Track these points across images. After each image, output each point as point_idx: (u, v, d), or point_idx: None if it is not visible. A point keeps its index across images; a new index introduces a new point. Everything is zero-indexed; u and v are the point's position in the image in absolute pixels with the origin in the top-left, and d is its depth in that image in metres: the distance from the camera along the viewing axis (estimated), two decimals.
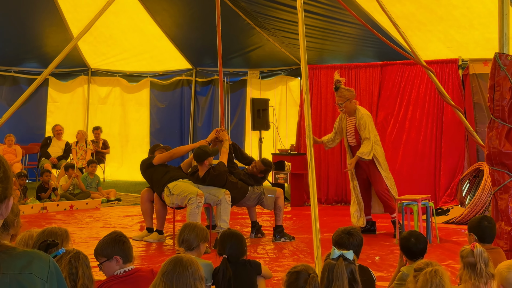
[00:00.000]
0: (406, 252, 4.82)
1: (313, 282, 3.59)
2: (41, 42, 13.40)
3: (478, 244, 4.34)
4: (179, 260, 3.27)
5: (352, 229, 4.67)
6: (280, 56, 12.78)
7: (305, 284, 3.59)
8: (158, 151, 8.38)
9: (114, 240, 4.00)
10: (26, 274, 1.83)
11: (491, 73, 5.58)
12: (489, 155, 5.55)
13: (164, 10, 12.64)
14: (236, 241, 4.67)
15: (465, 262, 4.27)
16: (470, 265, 4.25)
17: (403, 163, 10.50)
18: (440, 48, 10.48)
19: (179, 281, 3.20)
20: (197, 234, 4.72)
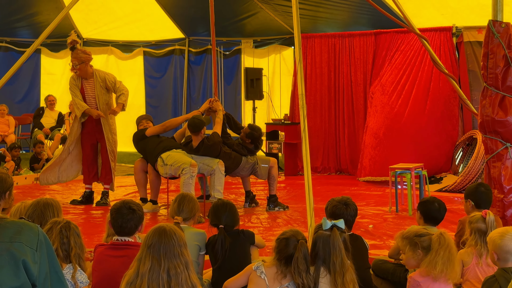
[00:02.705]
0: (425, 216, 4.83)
1: (302, 248, 3.61)
2: (33, 10, 13.26)
3: (491, 212, 4.37)
4: (163, 230, 3.25)
5: (348, 199, 4.68)
6: (273, 25, 12.68)
7: (294, 250, 3.61)
8: (142, 122, 8.36)
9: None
10: (16, 243, 1.86)
11: (484, 40, 5.54)
12: (482, 123, 5.54)
13: None
14: (231, 211, 4.68)
15: (474, 228, 4.32)
16: (478, 231, 4.29)
17: (397, 132, 10.48)
18: (435, 15, 10.42)
19: (166, 251, 3.18)
20: (193, 206, 4.73)
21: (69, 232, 3.79)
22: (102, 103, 8.19)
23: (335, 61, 11.52)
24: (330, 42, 11.58)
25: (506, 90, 5.46)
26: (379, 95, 10.76)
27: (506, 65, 5.42)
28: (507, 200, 5.40)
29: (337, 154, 11.51)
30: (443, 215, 4.94)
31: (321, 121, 11.56)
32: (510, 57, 5.39)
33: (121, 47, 14.40)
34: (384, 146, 10.27)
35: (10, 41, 13.73)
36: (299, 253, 3.59)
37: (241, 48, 13.44)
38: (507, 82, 5.46)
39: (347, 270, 3.67)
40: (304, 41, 11.46)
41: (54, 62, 14.34)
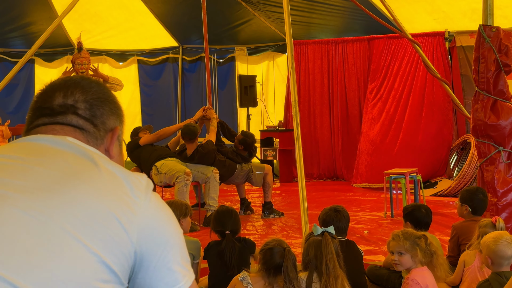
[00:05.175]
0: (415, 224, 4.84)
1: (290, 256, 3.61)
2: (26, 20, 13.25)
3: (501, 219, 4.38)
4: None
5: (339, 207, 4.69)
6: (267, 32, 12.69)
7: (281, 259, 3.60)
8: (141, 132, 8.35)
9: None
10: None
11: (475, 45, 5.56)
12: (475, 127, 5.55)
13: None
14: (236, 218, 4.67)
15: (482, 232, 4.32)
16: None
17: (391, 137, 10.50)
18: (427, 20, 10.44)
19: None
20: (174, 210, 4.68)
21: None
22: None
23: (329, 68, 11.54)
24: (324, 48, 11.60)
25: (498, 94, 5.48)
26: (375, 101, 10.78)
27: (497, 69, 5.44)
28: (501, 203, 5.40)
29: (332, 160, 11.51)
30: (431, 218, 4.97)
31: (315, 127, 11.57)
32: (501, 61, 5.41)
33: (115, 56, 14.38)
34: (381, 153, 10.30)
35: (3, 52, 13.69)
36: (288, 261, 3.59)
37: (235, 55, 13.45)
38: (498, 86, 5.47)
39: (339, 274, 3.67)
40: (297, 47, 11.48)
41: (48, 72, 14.30)
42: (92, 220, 1.26)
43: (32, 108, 1.54)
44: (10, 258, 1.17)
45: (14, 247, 1.18)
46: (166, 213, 1.42)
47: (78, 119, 1.49)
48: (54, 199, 1.26)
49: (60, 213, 1.25)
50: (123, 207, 1.32)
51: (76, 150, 1.41)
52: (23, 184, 1.28)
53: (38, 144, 1.42)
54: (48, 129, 1.47)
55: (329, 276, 3.65)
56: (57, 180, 1.30)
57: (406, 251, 3.98)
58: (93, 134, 1.50)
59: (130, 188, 1.36)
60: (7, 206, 1.23)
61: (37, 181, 1.29)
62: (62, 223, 1.23)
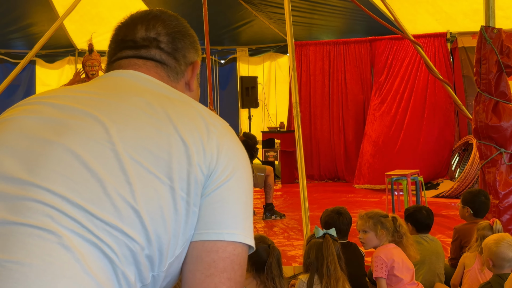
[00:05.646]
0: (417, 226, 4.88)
1: (275, 252, 3.58)
2: (27, 21, 13.25)
3: (498, 220, 4.38)
4: None
5: (341, 209, 4.69)
6: (268, 33, 12.68)
7: (268, 256, 3.56)
8: None
9: None
10: None
11: (477, 46, 5.56)
12: (476, 128, 5.54)
13: None
14: None
15: (480, 235, 4.33)
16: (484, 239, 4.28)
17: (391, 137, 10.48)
18: (429, 21, 10.42)
19: None
20: None
21: None
22: None
23: (330, 69, 11.52)
24: (325, 50, 11.58)
25: (500, 95, 5.47)
26: (378, 103, 10.77)
27: (499, 71, 5.43)
28: (502, 205, 5.39)
29: (333, 161, 11.49)
30: (433, 220, 4.96)
31: (316, 128, 11.55)
32: (502, 63, 5.40)
33: None
34: (383, 154, 10.28)
35: (4, 53, 13.68)
36: (272, 258, 3.55)
37: (236, 56, 13.43)
38: (500, 87, 5.46)
39: (340, 277, 3.66)
40: (298, 48, 11.47)
41: (49, 73, 14.31)
42: (164, 152, 1.30)
43: (115, 41, 1.59)
44: (85, 186, 1.21)
45: (89, 176, 1.23)
46: (239, 151, 1.43)
47: (161, 53, 1.53)
48: (128, 132, 1.30)
49: (133, 145, 1.29)
50: (197, 139, 1.34)
51: (155, 86, 1.46)
52: (99, 116, 1.32)
53: (118, 78, 1.48)
54: (131, 63, 1.52)
55: (330, 278, 3.63)
56: (132, 114, 1.35)
57: (369, 229, 4.19)
58: (174, 68, 1.55)
59: (204, 123, 1.39)
60: (83, 136, 1.28)
61: (112, 114, 1.33)
62: (134, 155, 1.27)
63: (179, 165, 1.30)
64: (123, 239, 1.20)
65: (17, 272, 1.09)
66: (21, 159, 1.24)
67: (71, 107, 1.35)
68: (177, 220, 1.28)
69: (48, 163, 1.23)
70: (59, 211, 1.17)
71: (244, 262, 1.36)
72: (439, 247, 4.88)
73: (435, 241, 4.89)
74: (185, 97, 1.47)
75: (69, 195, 1.19)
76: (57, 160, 1.24)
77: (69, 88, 1.48)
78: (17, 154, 1.26)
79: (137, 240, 1.21)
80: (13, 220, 1.15)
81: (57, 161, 1.24)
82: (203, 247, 1.31)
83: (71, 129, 1.29)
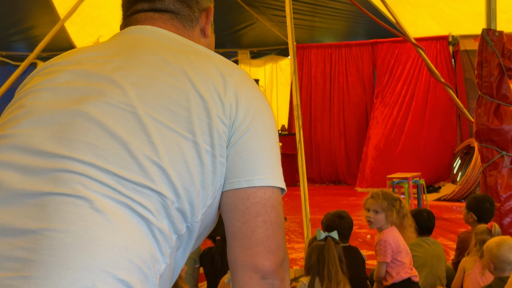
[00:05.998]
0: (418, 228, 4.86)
1: None
2: (29, 24, 13.26)
3: (496, 224, 4.36)
4: None
5: (343, 213, 4.67)
6: (270, 36, 12.68)
7: None
8: None
9: None
10: None
11: (478, 49, 5.55)
12: (478, 131, 5.53)
13: None
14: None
15: (479, 239, 4.30)
16: (483, 243, 4.26)
17: (393, 140, 10.48)
18: (431, 24, 10.42)
19: None
20: None
21: None
22: None
23: (331, 71, 11.52)
24: (327, 52, 11.58)
25: (501, 98, 5.46)
26: (379, 106, 10.76)
27: (500, 74, 5.42)
28: (504, 208, 5.38)
29: (334, 164, 11.48)
30: (434, 223, 4.94)
31: (316, 131, 11.54)
32: (504, 66, 5.39)
33: None
34: (385, 157, 10.28)
35: (6, 55, 13.69)
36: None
37: (238, 59, 13.44)
38: (501, 90, 5.45)
39: (341, 280, 3.65)
40: (300, 51, 11.47)
41: None
42: (186, 109, 1.35)
43: None
44: (110, 151, 1.28)
45: (115, 140, 1.29)
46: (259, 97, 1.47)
47: (174, 2, 1.58)
48: (146, 93, 1.35)
49: (152, 105, 1.33)
50: (214, 92, 1.39)
51: (171, 41, 1.50)
52: (118, 80, 1.37)
53: (135, 36, 1.53)
54: (147, 17, 1.57)
55: (331, 281, 3.62)
56: (149, 74, 1.39)
57: (382, 210, 4.13)
58: (188, 16, 1.59)
59: (221, 75, 1.43)
60: (104, 102, 1.33)
61: (130, 76, 1.38)
62: (154, 115, 1.33)
63: (200, 120, 1.35)
64: (152, 196, 1.26)
65: (55, 239, 1.16)
66: (48, 132, 1.30)
67: (90, 72, 1.40)
68: (203, 173, 1.33)
69: (73, 134, 1.29)
70: (89, 177, 1.24)
71: (277, 204, 1.41)
72: (441, 250, 4.86)
73: (436, 244, 4.87)
74: (201, 49, 1.52)
75: (97, 162, 1.26)
76: (82, 130, 1.29)
77: (88, 49, 1.52)
78: (43, 127, 1.31)
79: (167, 196, 1.28)
80: (48, 191, 1.22)
81: (81, 131, 1.29)
82: (235, 195, 1.38)
83: (92, 96, 1.34)
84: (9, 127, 1.34)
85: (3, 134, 1.33)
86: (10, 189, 1.23)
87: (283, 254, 1.43)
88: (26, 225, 1.18)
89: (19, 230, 1.18)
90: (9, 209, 1.21)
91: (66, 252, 1.15)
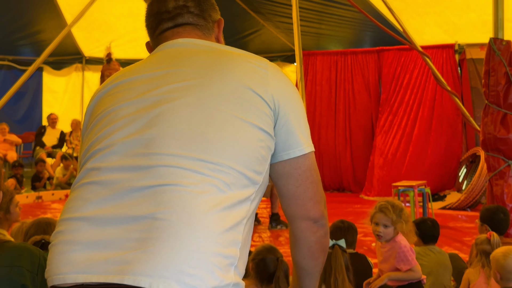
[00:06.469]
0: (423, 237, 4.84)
1: (283, 266, 3.56)
2: (35, 28, 13.29)
3: (495, 233, 4.32)
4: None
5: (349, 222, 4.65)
6: (276, 42, 12.69)
7: (275, 268, 3.55)
8: None
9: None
10: (16, 267, 1.91)
11: (485, 58, 5.54)
12: (484, 140, 5.52)
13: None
14: None
15: (479, 250, 4.27)
16: (484, 253, 4.23)
17: (398, 149, 10.47)
18: (437, 32, 10.41)
19: None
20: None
21: None
22: None
23: (337, 79, 11.50)
24: (332, 60, 11.57)
25: (508, 107, 5.45)
26: (386, 114, 10.75)
27: (507, 83, 5.42)
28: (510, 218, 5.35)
29: (339, 172, 11.45)
30: (439, 232, 4.90)
31: (321, 138, 11.51)
32: (511, 75, 5.38)
33: (124, 65, 14.30)
34: (392, 166, 10.27)
35: (12, 59, 13.72)
36: (280, 271, 3.53)
37: None
38: (508, 99, 5.45)
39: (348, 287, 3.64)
40: (305, 58, 11.46)
41: (56, 80, 14.33)
42: (239, 98, 1.66)
43: (152, 14, 1.98)
44: (193, 142, 1.59)
45: (192, 132, 1.60)
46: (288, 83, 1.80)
47: (192, 16, 1.93)
48: (207, 90, 1.67)
49: (215, 99, 1.65)
50: (257, 81, 1.71)
51: (204, 46, 1.86)
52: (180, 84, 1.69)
53: (174, 49, 1.86)
54: (174, 33, 1.92)
55: None
56: (202, 74, 1.71)
57: (392, 224, 4.07)
58: (205, 26, 1.96)
59: (256, 65, 1.75)
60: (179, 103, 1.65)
61: (188, 80, 1.70)
62: (219, 107, 1.64)
63: (252, 106, 1.67)
64: (231, 172, 1.58)
65: (163, 220, 1.48)
66: (138, 136, 1.62)
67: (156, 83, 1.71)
68: (264, 148, 1.67)
69: (162, 133, 1.60)
70: (180, 167, 1.55)
71: (315, 164, 1.82)
72: (446, 259, 4.84)
73: (442, 253, 4.85)
74: (230, 49, 1.86)
75: (183, 152, 1.57)
76: (167, 129, 1.61)
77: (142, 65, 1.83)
78: (134, 133, 1.64)
79: (241, 171, 1.60)
80: (151, 184, 1.53)
81: (167, 130, 1.60)
82: (288, 165, 1.75)
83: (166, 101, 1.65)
84: (106, 140, 1.65)
85: (104, 146, 1.64)
86: (121, 188, 1.55)
87: (324, 201, 1.86)
88: (137, 212, 1.50)
89: (132, 217, 1.50)
90: (122, 203, 1.53)
91: (173, 228, 1.47)
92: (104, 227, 1.51)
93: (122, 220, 1.51)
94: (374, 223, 4.18)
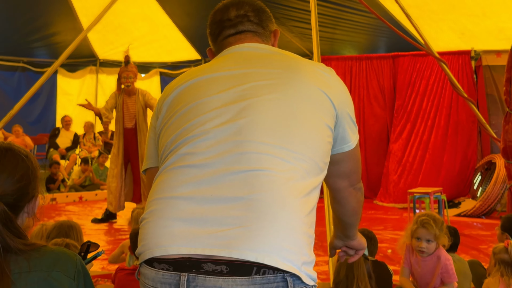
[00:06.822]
0: None
1: None
2: (50, 30, 13.32)
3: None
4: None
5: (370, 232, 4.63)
6: (289, 47, 12.65)
7: None
8: None
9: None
10: (54, 272, 1.89)
11: (507, 65, 5.51)
12: (505, 148, 5.48)
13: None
14: None
15: (497, 259, 4.23)
16: (502, 262, 4.20)
17: (415, 155, 10.43)
18: (452, 39, 10.37)
19: None
20: None
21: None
22: (141, 121, 8.25)
23: (352, 84, 11.47)
24: (347, 65, 11.54)
25: None
26: (402, 120, 10.71)
27: None
28: None
29: None
30: (459, 240, 4.88)
31: None
32: None
33: (138, 67, 14.35)
34: (408, 173, 10.23)
35: (27, 61, 13.75)
36: None
37: None
38: None
39: None
40: None
41: (70, 83, 14.36)
42: (314, 98, 1.89)
43: (215, 22, 2.18)
44: (278, 133, 1.80)
45: (278, 125, 1.81)
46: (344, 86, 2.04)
47: (252, 24, 2.14)
48: (287, 88, 1.87)
49: (296, 97, 1.87)
50: (324, 84, 1.93)
51: (271, 50, 2.08)
52: (262, 83, 1.89)
53: (240, 52, 2.06)
54: (237, 39, 2.13)
55: None
56: (280, 75, 1.92)
57: (435, 239, 4.03)
58: (263, 34, 2.17)
59: (320, 70, 1.97)
60: (264, 98, 1.85)
61: (268, 79, 1.90)
62: (299, 104, 1.86)
63: (323, 106, 1.90)
64: (308, 161, 1.81)
65: (260, 201, 1.68)
66: (227, 125, 1.82)
67: (235, 80, 1.92)
68: (330, 143, 1.94)
69: (251, 123, 1.80)
70: (270, 155, 1.76)
71: (359, 147, 2.12)
72: (466, 268, 4.81)
73: (462, 262, 4.82)
74: (290, 53, 2.05)
75: (271, 142, 1.78)
76: (256, 120, 1.81)
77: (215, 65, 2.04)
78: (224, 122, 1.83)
79: (316, 160, 1.84)
80: (245, 169, 1.73)
81: (256, 121, 1.81)
82: (340, 155, 2.04)
83: (252, 96, 1.85)
84: (199, 127, 1.85)
85: (197, 133, 1.84)
86: (218, 171, 1.74)
87: (361, 169, 2.20)
88: (235, 194, 1.69)
89: (231, 198, 1.69)
90: (219, 184, 1.72)
91: (270, 209, 1.67)
92: (204, 205, 1.69)
93: (221, 200, 1.69)
94: (416, 238, 4.11)
